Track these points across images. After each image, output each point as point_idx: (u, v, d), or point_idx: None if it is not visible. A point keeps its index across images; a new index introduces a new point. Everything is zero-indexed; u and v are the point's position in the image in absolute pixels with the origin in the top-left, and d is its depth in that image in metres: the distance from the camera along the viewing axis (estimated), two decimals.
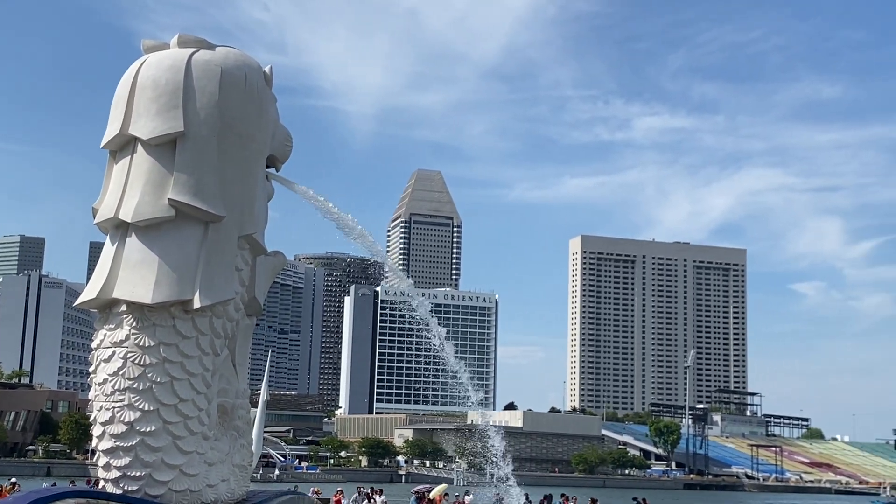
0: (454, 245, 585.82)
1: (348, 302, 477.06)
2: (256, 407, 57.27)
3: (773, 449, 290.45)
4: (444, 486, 60.06)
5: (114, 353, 22.37)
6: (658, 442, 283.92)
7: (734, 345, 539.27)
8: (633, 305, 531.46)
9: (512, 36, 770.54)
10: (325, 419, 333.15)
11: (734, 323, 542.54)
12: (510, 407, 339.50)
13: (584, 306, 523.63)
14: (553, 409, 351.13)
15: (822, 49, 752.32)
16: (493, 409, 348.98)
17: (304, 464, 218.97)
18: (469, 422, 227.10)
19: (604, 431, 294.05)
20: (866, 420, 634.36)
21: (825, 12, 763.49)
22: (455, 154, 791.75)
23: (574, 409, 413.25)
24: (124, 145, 23.35)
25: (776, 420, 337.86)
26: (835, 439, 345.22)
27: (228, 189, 22.99)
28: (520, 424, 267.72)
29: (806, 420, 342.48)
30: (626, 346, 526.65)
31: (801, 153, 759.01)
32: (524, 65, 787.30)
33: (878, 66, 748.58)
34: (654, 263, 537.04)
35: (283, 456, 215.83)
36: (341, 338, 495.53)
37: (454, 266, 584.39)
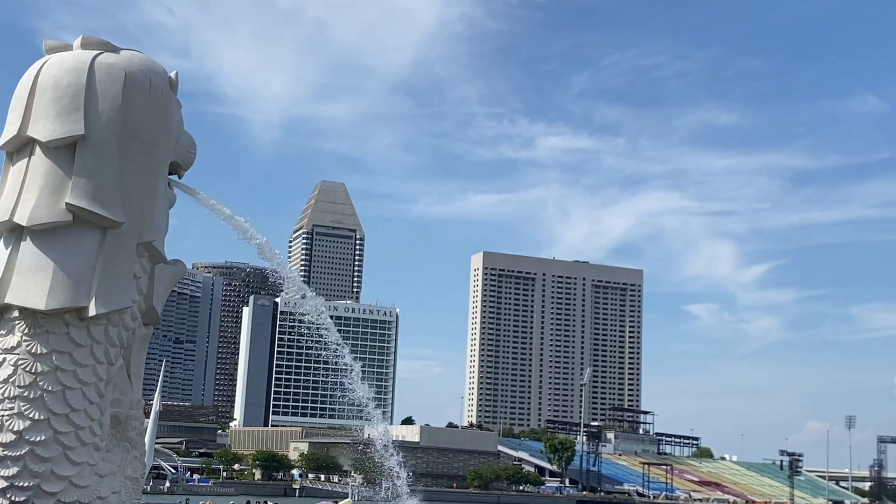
0: (356, 258, 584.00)
1: (247, 312, 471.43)
2: (149, 417, 56.13)
3: (664, 467, 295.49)
4: (348, 500, 59.84)
5: (4, 360, 21.72)
6: (553, 458, 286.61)
7: (629, 363, 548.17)
8: (532, 322, 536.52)
9: (420, 50, 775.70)
10: (219, 431, 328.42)
11: (630, 342, 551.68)
12: (408, 421, 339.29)
13: (483, 322, 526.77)
14: (450, 425, 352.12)
15: (720, 77, 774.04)
16: (391, 424, 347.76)
17: (196, 476, 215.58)
18: (366, 436, 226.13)
19: (500, 447, 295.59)
20: (754, 440, 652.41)
21: (724, 41, 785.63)
22: (360, 166, 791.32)
23: (471, 425, 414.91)
24: (22, 147, 22.75)
25: (668, 439, 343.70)
26: (723, 459, 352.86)
27: (129, 195, 22.56)
28: (417, 439, 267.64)
29: (696, 439, 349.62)
30: (524, 362, 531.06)
31: (697, 177, 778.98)
32: (431, 80, 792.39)
33: (772, 95, 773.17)
34: (553, 281, 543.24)
35: (175, 468, 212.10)
36: (238, 348, 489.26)
37: (356, 279, 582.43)
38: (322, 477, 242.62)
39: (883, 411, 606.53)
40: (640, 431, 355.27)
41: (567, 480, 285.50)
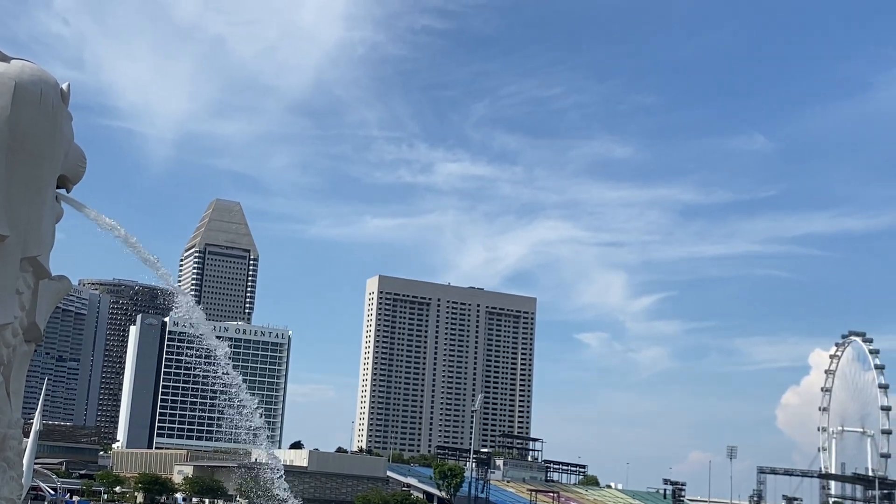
0: (249, 278, 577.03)
1: (134, 331, 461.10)
2: (29, 437, 54.46)
3: (551, 494, 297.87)
4: None
5: None
6: (441, 485, 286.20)
7: (520, 391, 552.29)
8: (425, 348, 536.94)
9: (320, 72, 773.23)
10: (101, 452, 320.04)
11: (521, 369, 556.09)
12: (296, 446, 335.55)
13: (377, 347, 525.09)
14: (340, 450, 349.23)
15: (615, 111, 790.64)
16: (279, 448, 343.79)
17: (75, 498, 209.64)
18: (253, 459, 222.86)
19: (389, 473, 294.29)
20: (639, 468, 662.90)
21: (620, 76, 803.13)
22: (256, 186, 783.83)
23: (361, 450, 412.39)
24: None
25: (555, 466, 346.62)
26: (609, 486, 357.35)
27: (14, 208, 21.97)
28: (305, 464, 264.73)
29: (583, 467, 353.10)
30: (416, 388, 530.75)
31: (591, 208, 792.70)
32: (331, 102, 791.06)
33: (665, 130, 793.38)
34: (448, 307, 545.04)
35: (54, 489, 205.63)
36: (124, 368, 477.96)
37: (248, 300, 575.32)
38: (206, 501, 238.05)
39: (763, 442, 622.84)
40: (529, 458, 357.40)
41: None
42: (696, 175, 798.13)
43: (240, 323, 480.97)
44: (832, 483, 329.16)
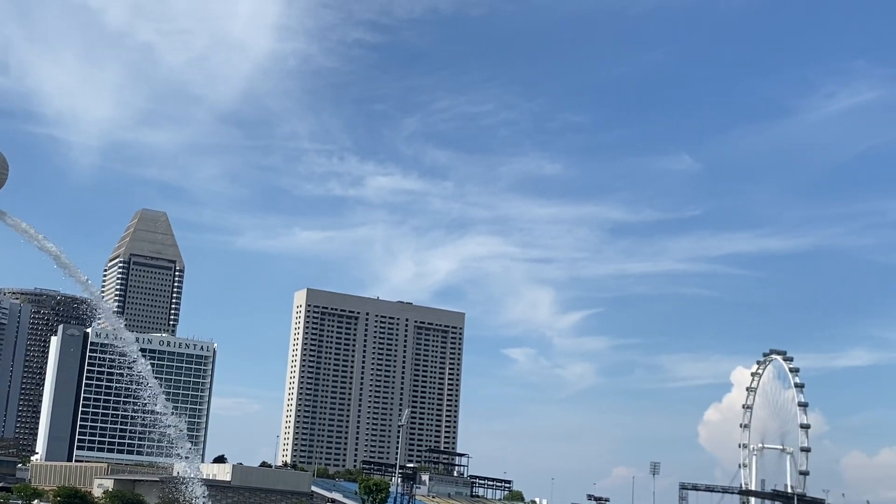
0: (174, 289, 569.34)
1: (55, 342, 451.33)
2: None
3: None
4: None
5: None
6: (366, 500, 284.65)
7: (447, 405, 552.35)
8: (353, 362, 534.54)
9: (251, 82, 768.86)
10: (20, 465, 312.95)
11: (449, 384, 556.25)
12: (220, 460, 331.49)
13: (304, 360, 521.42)
14: (264, 464, 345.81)
15: (546, 128, 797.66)
16: (202, 462, 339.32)
17: None
18: (175, 473, 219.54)
19: (314, 488, 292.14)
20: (564, 484, 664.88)
21: (550, 94, 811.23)
22: (183, 196, 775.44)
23: (285, 465, 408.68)
24: None
25: (481, 481, 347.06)
26: (534, 502, 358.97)
27: None
28: (228, 478, 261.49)
29: (509, 482, 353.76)
30: (342, 402, 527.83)
31: (521, 224, 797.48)
32: (262, 113, 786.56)
33: (594, 149, 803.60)
34: (376, 321, 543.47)
35: None
36: (44, 379, 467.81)
37: (173, 311, 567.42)
38: None
39: (685, 458, 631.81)
40: (455, 474, 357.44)
41: None
42: (624, 193, 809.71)
43: (164, 335, 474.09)
44: (752, 499, 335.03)
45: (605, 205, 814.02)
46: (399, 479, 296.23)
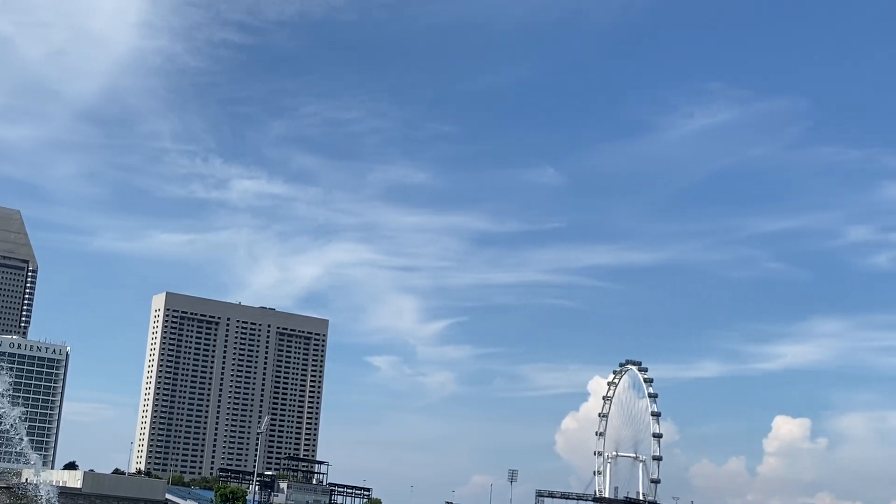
0: (27, 290, 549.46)
1: None
2: None
3: None
4: None
5: None
6: None
7: (308, 413, 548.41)
8: (212, 368, 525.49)
9: (112, 79, 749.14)
10: None
11: (310, 392, 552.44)
12: (70, 466, 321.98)
13: (161, 365, 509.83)
14: (117, 471, 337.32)
15: (413, 137, 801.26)
16: (52, 468, 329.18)
17: None
18: (23, 480, 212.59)
19: (168, 496, 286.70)
20: (424, 492, 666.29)
21: (419, 103, 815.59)
22: (38, 194, 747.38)
23: (139, 472, 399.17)
24: None
25: (340, 489, 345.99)
26: None
27: None
28: (79, 485, 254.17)
29: (368, 490, 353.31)
30: (200, 408, 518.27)
31: (387, 232, 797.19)
32: (122, 111, 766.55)
33: (461, 159, 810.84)
34: (237, 327, 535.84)
35: None
36: None
37: (25, 313, 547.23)
38: None
39: (543, 466, 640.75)
40: (314, 481, 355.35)
41: None
42: (489, 204, 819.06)
43: (15, 337, 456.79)
44: None
45: (471, 215, 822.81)
46: (257, 487, 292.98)
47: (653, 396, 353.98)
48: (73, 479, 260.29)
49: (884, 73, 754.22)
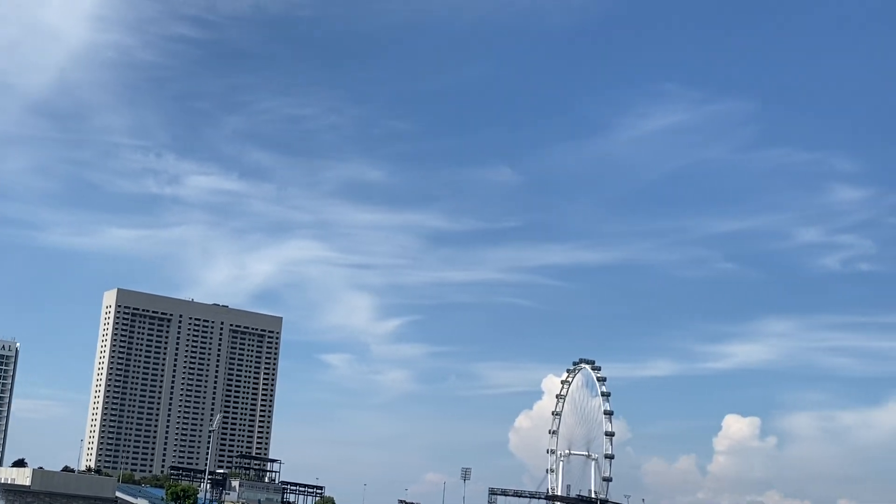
0: None
1: None
2: None
3: None
4: None
5: None
6: None
7: (261, 411, 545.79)
8: (164, 365, 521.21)
9: (64, 73, 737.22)
10: None
11: (263, 389, 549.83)
12: (19, 464, 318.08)
13: (112, 362, 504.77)
14: (67, 468, 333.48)
15: (370, 134, 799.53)
16: (1, 466, 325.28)
17: None
18: None
19: (118, 494, 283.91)
20: (377, 490, 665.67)
21: (376, 100, 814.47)
22: None
23: (89, 469, 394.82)
24: None
25: (292, 487, 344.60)
26: None
27: None
28: (28, 483, 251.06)
29: (321, 488, 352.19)
30: (152, 406, 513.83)
31: (342, 229, 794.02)
32: (75, 105, 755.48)
33: (417, 157, 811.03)
34: (190, 324, 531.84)
35: None
36: None
37: None
38: None
39: (496, 464, 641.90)
40: (266, 479, 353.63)
41: None
42: (445, 202, 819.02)
43: None
44: None
45: (427, 213, 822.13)
46: (208, 485, 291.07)
47: (605, 395, 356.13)
48: (22, 477, 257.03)
49: (834, 76, 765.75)
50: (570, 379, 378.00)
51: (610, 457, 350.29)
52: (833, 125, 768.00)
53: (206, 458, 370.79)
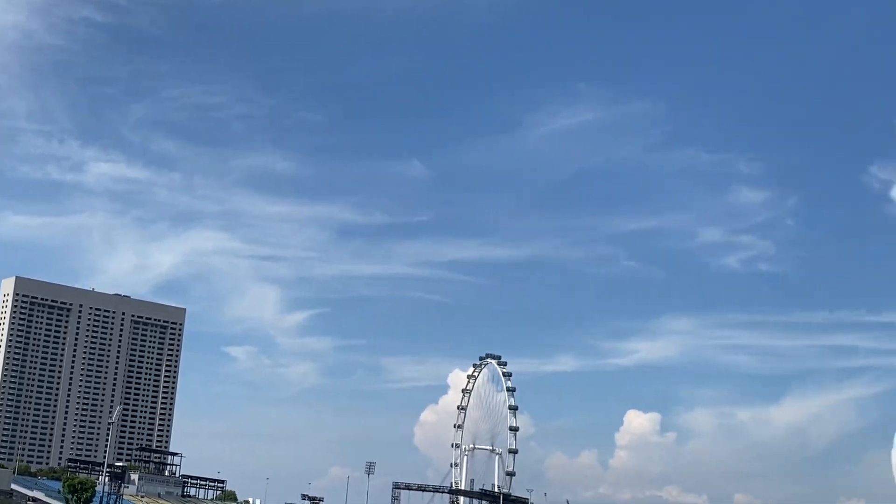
0: None
1: None
2: None
3: None
4: None
5: None
6: (71, 499, 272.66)
7: (162, 404, 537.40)
8: (62, 355, 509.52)
9: None
10: None
11: (165, 381, 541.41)
12: None
13: (8, 352, 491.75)
14: None
15: (281, 125, 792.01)
16: None
17: None
18: None
19: (14, 486, 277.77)
20: (280, 484, 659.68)
21: (287, 91, 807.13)
22: None
23: None
24: None
25: (193, 481, 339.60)
26: (247, 502, 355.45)
27: None
28: None
29: (222, 482, 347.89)
30: (50, 397, 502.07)
31: (250, 220, 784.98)
32: None
33: (328, 149, 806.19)
34: (90, 314, 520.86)
35: None
36: None
37: None
38: None
39: (401, 459, 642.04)
40: (167, 473, 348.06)
41: None
42: (355, 196, 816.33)
43: None
44: (461, 499, 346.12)
45: (337, 206, 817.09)
46: (107, 478, 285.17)
47: (511, 390, 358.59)
48: None
49: (740, 80, 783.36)
50: (476, 374, 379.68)
51: (514, 451, 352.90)
52: (738, 128, 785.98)
53: (105, 451, 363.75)
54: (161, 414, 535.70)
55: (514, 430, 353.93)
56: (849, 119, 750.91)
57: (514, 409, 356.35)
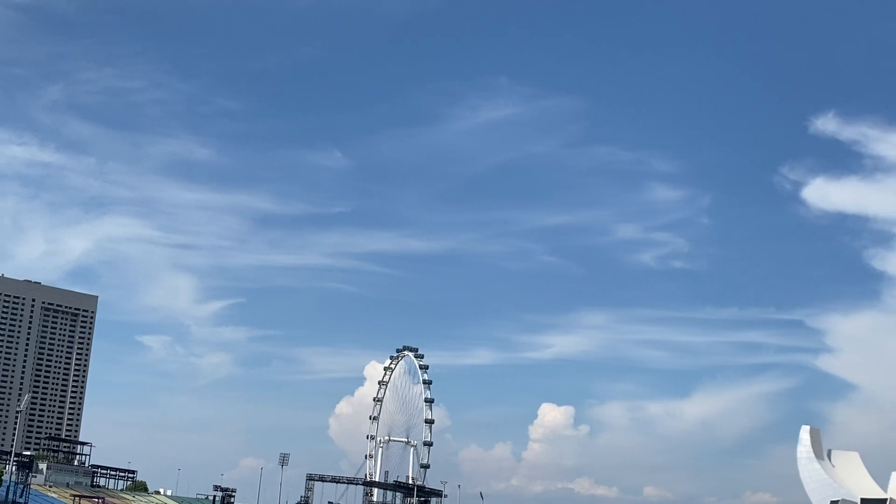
0: None
1: None
2: None
3: (96, 500, 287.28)
4: None
5: None
6: None
7: (72, 392, 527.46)
8: None
9: None
10: None
11: (75, 370, 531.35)
12: None
13: None
14: None
15: (198, 112, 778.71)
16: None
17: None
18: None
19: None
20: (191, 475, 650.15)
21: (205, 77, 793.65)
22: None
23: None
24: None
25: (103, 471, 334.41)
26: (158, 493, 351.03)
27: None
28: None
29: (132, 472, 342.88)
30: None
31: (165, 208, 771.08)
32: None
33: (247, 137, 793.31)
34: None
35: None
36: None
37: None
38: None
39: (315, 450, 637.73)
40: (76, 462, 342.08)
41: None
42: (273, 184, 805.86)
43: None
44: (375, 490, 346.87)
45: (254, 194, 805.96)
46: (14, 467, 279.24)
47: (427, 383, 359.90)
48: None
49: (659, 78, 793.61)
50: (392, 366, 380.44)
51: (429, 444, 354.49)
52: (655, 126, 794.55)
53: (13, 440, 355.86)
54: (71, 403, 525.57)
55: (429, 422, 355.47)
56: (762, 120, 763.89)
57: (430, 401, 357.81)
